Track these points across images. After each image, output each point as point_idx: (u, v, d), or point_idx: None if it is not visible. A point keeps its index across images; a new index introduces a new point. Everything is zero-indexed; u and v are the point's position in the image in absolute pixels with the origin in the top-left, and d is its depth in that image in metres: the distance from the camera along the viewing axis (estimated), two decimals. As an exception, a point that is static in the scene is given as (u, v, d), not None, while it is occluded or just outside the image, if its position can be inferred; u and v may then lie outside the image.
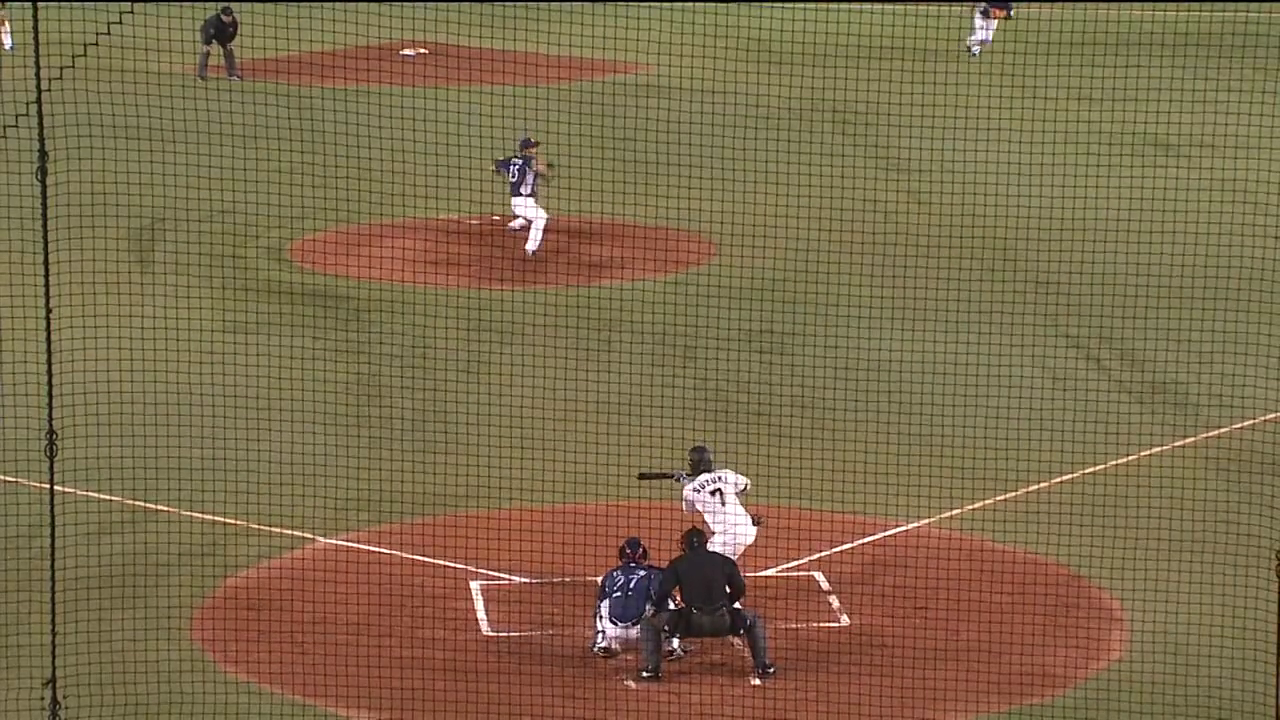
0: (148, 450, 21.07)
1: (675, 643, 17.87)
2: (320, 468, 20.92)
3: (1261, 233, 16.93)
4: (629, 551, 18.21)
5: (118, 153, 25.09)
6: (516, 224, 31.04)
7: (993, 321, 26.45)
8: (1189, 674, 17.24)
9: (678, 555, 18.06)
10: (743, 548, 18.81)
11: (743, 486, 19.01)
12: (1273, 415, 18.11)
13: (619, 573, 18.15)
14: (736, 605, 17.73)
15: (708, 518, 18.82)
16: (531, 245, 30.34)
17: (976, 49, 46.47)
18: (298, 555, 20.10)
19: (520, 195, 30.35)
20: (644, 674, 17.58)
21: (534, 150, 30.51)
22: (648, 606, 17.83)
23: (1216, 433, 22.70)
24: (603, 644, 17.97)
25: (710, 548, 18.34)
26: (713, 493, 18.85)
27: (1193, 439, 22.77)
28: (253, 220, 30.89)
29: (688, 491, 18.94)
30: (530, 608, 18.91)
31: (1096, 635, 18.44)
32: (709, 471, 18.98)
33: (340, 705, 17.20)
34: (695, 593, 17.70)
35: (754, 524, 18.84)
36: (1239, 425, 22.26)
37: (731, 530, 18.72)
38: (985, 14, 47.07)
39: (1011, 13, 47.45)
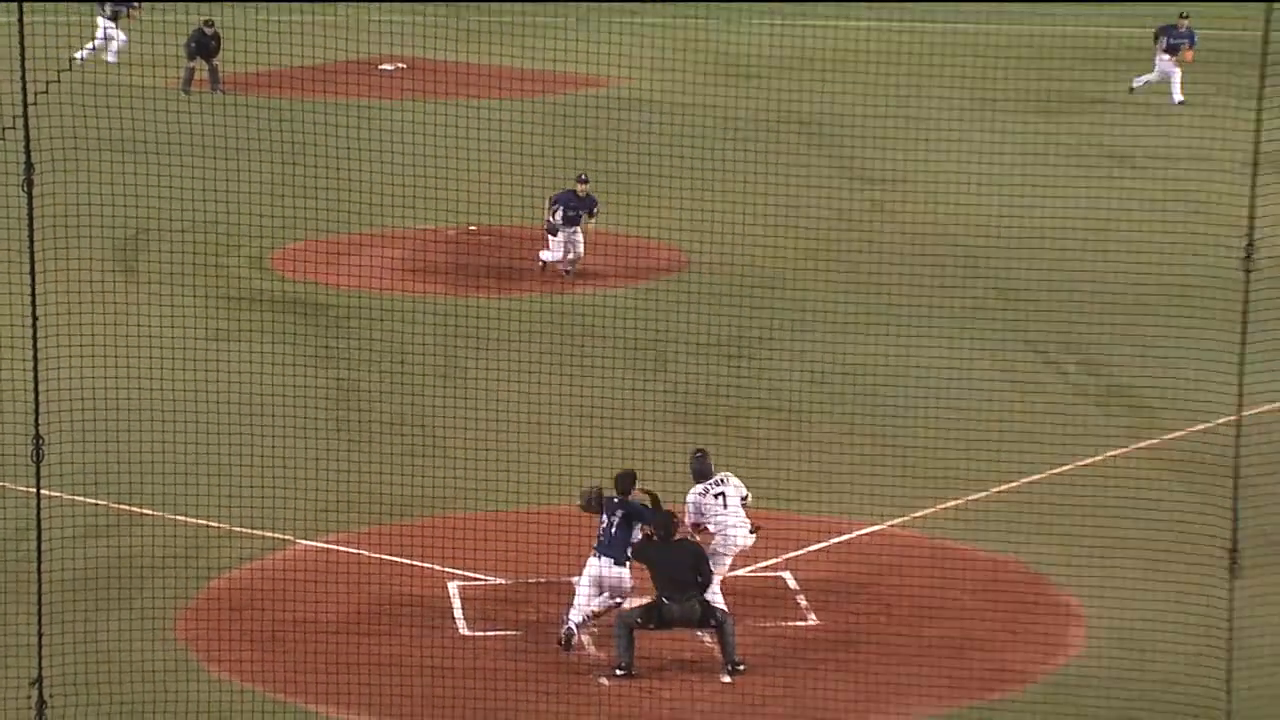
0: (133, 455, 21.02)
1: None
2: (301, 472, 20.89)
3: (1215, 242, 16.89)
4: (614, 490, 18.23)
5: (103, 165, 25.04)
6: (557, 256, 30.23)
7: (957, 328, 26.54)
8: (1145, 668, 17.30)
9: (643, 540, 18.00)
10: (736, 549, 18.76)
11: (745, 494, 18.94)
12: (1227, 419, 18.13)
13: (604, 515, 18.18)
14: (708, 598, 17.71)
15: (709, 521, 18.76)
16: (552, 256, 30.10)
17: (1140, 83, 42.00)
18: (279, 557, 20.08)
19: (570, 228, 29.81)
20: (617, 671, 17.59)
21: (587, 186, 30.16)
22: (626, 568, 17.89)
23: (1172, 436, 22.79)
24: (567, 627, 17.92)
25: (709, 550, 18.31)
26: (716, 496, 18.81)
27: (1150, 442, 22.86)
28: (235, 230, 30.83)
29: (692, 496, 18.82)
30: (506, 608, 18.91)
31: (1056, 632, 18.48)
32: (709, 477, 18.92)
33: (321, 703, 17.19)
34: (665, 582, 17.64)
35: (751, 531, 18.80)
36: (1194, 429, 22.32)
37: (730, 533, 18.66)
38: (1173, 50, 41.53)
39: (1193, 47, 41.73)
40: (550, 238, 30.12)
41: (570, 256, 30.03)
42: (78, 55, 42.88)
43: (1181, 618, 17.05)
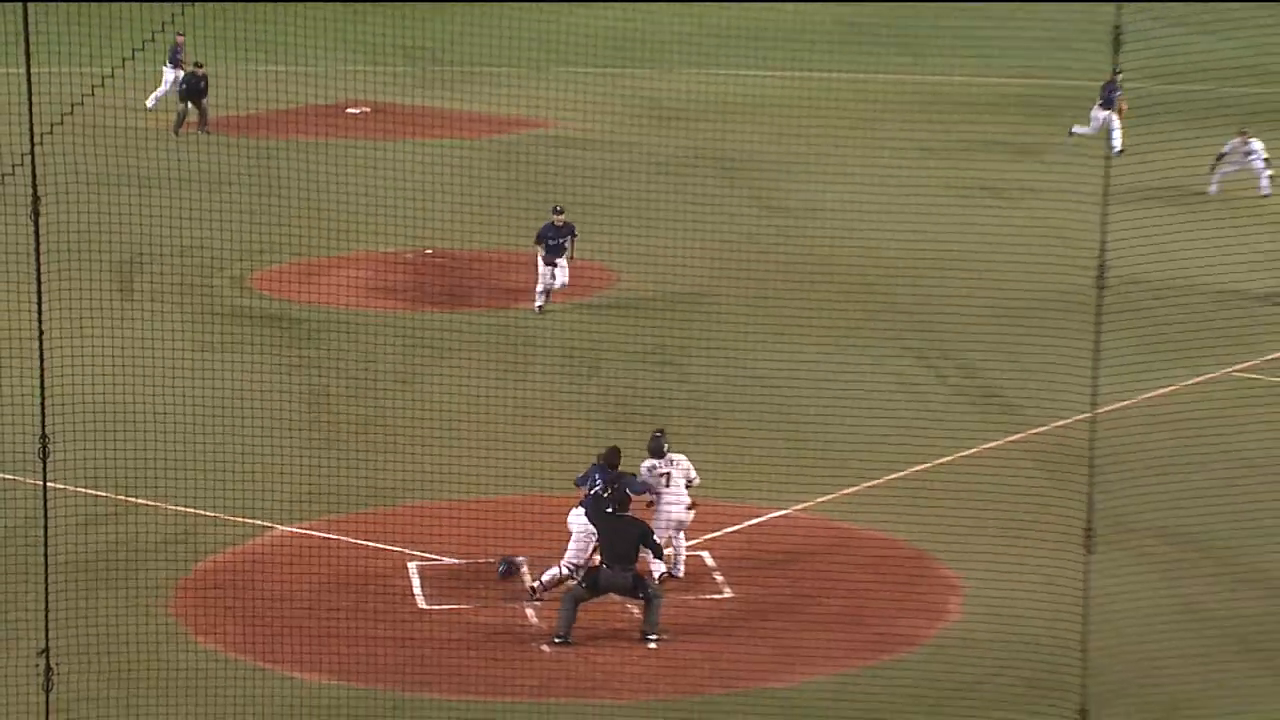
0: (130, 452, 20.87)
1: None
2: (279, 466, 20.79)
3: (1073, 264, 17.00)
4: (607, 462, 18.29)
5: (102, 198, 24.86)
6: (558, 284, 28.74)
7: (852, 338, 26.62)
8: (1014, 632, 17.39)
9: (597, 503, 17.88)
10: (674, 524, 18.73)
11: (693, 478, 18.87)
12: (1082, 415, 18.28)
13: (598, 474, 18.21)
14: (641, 592, 17.59)
15: (655, 496, 18.74)
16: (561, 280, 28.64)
17: (1078, 130, 39.64)
18: (260, 542, 19.98)
19: (556, 257, 28.43)
20: (555, 639, 17.58)
21: (563, 216, 28.81)
22: (573, 565, 17.88)
23: (1036, 431, 22.92)
24: (553, 572, 18.06)
25: (652, 522, 18.32)
26: (661, 475, 18.79)
27: (1017, 436, 22.97)
28: (220, 254, 30.67)
29: (643, 469, 18.84)
30: (459, 584, 18.87)
31: (938, 602, 18.57)
32: (662, 456, 18.84)
33: (296, 669, 17.11)
34: (611, 553, 17.59)
35: (688, 510, 18.78)
36: (1055, 424, 22.48)
37: (665, 508, 18.67)
38: (1108, 104, 39.08)
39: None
40: (540, 267, 28.60)
41: (557, 285, 28.50)
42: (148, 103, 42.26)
43: (1044, 588, 17.15)
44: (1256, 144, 36.01)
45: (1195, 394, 24.48)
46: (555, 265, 28.53)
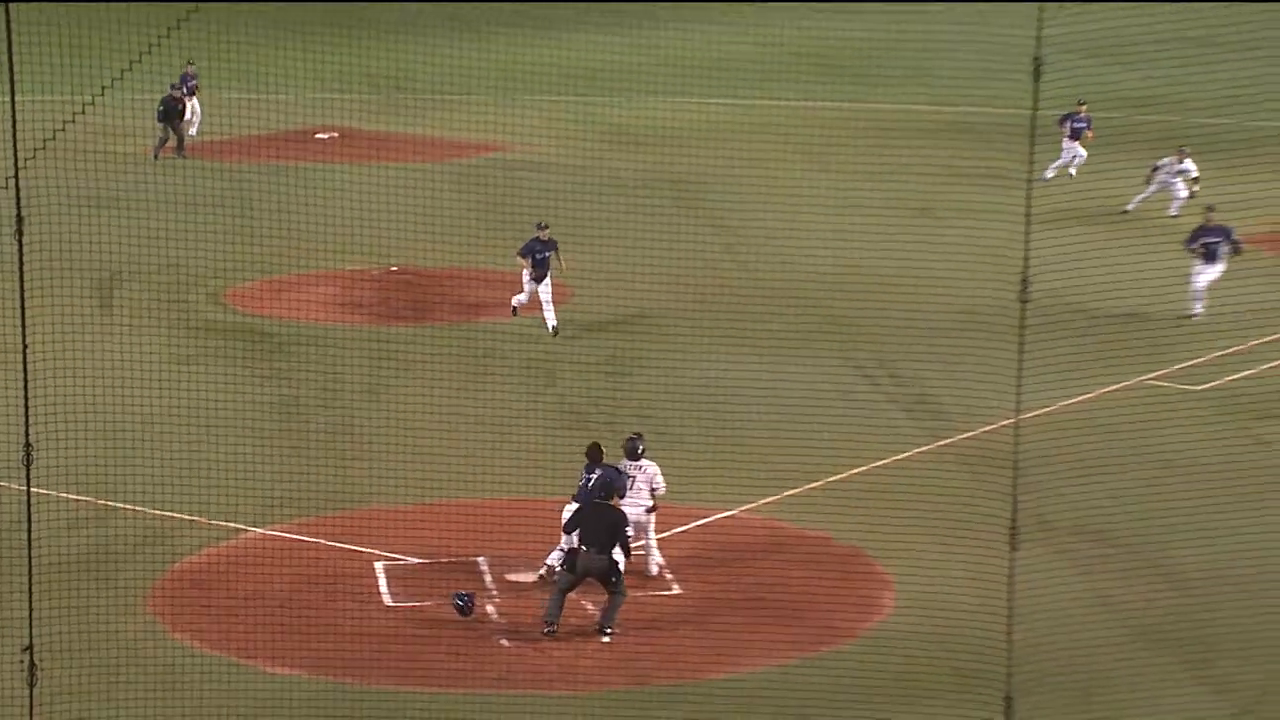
0: (110, 458, 20.84)
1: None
2: (252, 472, 20.79)
3: (1000, 280, 17.18)
4: (590, 458, 18.43)
5: (83, 218, 24.84)
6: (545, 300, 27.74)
7: (793, 349, 26.75)
8: (942, 624, 17.49)
9: (589, 500, 17.90)
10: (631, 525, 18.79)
11: (658, 486, 18.79)
12: (1007, 421, 18.46)
13: (584, 471, 18.40)
14: (614, 578, 17.59)
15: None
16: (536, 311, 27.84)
17: (1052, 172, 38.16)
18: (234, 544, 19.96)
19: (542, 272, 27.61)
20: (545, 629, 17.46)
21: (548, 231, 27.88)
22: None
23: (964, 436, 23.07)
24: (547, 565, 18.17)
25: None
26: (628, 477, 18.74)
27: (946, 441, 23.12)
28: (196, 272, 30.61)
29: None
30: (424, 583, 18.88)
31: (872, 597, 18.65)
32: (635, 459, 18.84)
33: (268, 664, 17.11)
34: (590, 538, 17.55)
35: (648, 512, 18.80)
36: (982, 429, 22.64)
37: (624, 508, 18.72)
38: (1076, 135, 38.23)
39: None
40: (524, 283, 27.97)
41: (545, 302, 27.64)
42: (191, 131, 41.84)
43: (971, 583, 17.26)
44: (1190, 164, 35.64)
45: (1112, 401, 24.73)
46: (543, 280, 27.75)
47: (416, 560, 19.32)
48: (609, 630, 17.57)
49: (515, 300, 28.50)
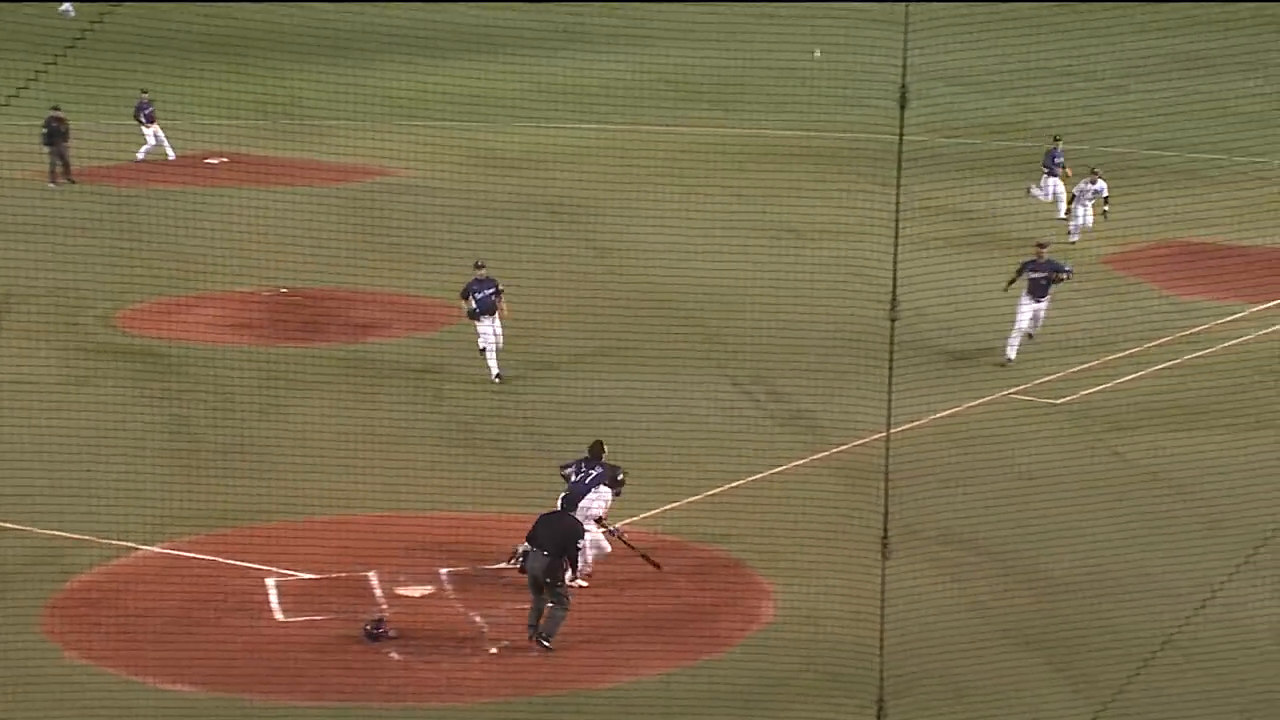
0: (1, 478, 20.32)
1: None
2: (143, 490, 20.41)
3: (867, 298, 17.40)
4: (592, 455, 18.58)
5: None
6: (498, 343, 26.23)
7: (674, 366, 26.80)
8: (819, 632, 17.62)
9: (576, 492, 18.11)
10: (584, 516, 18.63)
11: (598, 508, 18.68)
12: (878, 435, 18.58)
13: (581, 465, 18.55)
14: (558, 586, 17.36)
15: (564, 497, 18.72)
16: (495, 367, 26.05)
17: (1037, 192, 37.03)
18: (126, 561, 19.57)
19: (488, 313, 26.01)
20: (529, 631, 17.32)
21: (485, 270, 26.15)
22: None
23: (839, 449, 23.25)
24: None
25: None
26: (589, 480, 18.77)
27: (821, 454, 23.28)
28: (87, 294, 30.02)
29: (564, 471, 19.04)
30: (314, 598, 18.65)
31: (751, 606, 18.71)
32: (583, 469, 18.84)
33: (161, 680, 16.80)
34: (545, 540, 17.39)
35: (596, 524, 18.72)
36: (855, 443, 22.82)
37: (582, 504, 18.66)
38: (1054, 172, 36.68)
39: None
40: (477, 325, 26.18)
41: (499, 345, 26.16)
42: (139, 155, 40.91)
43: (845, 590, 17.38)
44: (1101, 184, 35.00)
45: (977, 414, 25.04)
46: (490, 321, 26.15)
47: (307, 576, 19.07)
48: (545, 641, 17.34)
49: (481, 344, 26.22)
